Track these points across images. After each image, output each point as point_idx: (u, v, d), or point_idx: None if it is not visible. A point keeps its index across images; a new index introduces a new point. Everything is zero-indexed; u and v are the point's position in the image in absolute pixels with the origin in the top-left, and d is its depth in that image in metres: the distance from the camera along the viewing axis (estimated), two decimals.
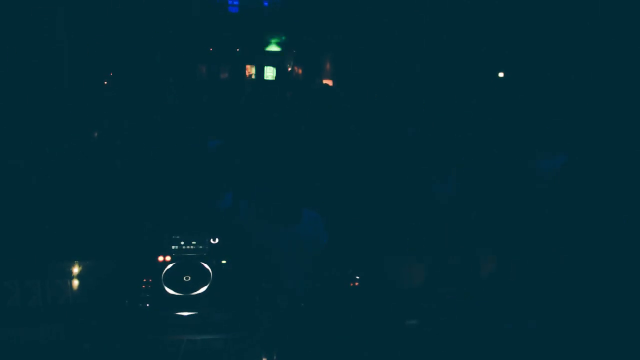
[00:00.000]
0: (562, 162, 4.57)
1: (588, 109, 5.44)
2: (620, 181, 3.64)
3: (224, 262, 1.97)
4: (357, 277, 3.04)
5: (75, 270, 3.16)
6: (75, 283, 3.02)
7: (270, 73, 11.59)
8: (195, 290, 1.84)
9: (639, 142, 4.24)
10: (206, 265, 1.94)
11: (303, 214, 3.41)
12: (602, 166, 3.90)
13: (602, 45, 5.96)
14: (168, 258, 1.98)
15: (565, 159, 4.63)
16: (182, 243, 2.04)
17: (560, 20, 6.80)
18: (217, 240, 2.06)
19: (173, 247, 2.04)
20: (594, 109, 5.39)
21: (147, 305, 1.79)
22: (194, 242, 2.04)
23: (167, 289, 1.83)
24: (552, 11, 7.10)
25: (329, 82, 11.47)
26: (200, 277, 1.89)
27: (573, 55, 6.37)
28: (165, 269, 1.92)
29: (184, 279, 1.89)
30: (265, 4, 11.87)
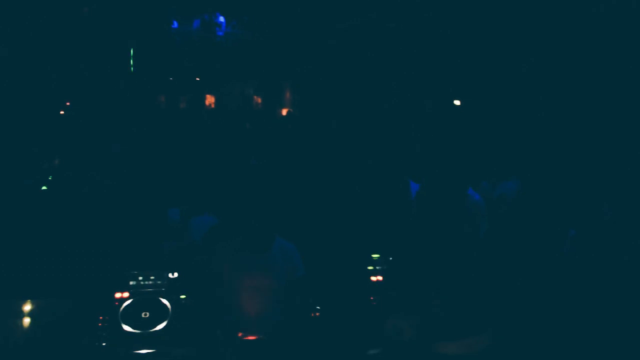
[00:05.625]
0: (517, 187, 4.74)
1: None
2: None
3: (183, 296, 1.95)
4: (318, 308, 3.03)
5: (29, 308, 3.05)
6: (27, 322, 2.92)
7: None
8: (154, 327, 1.81)
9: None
10: (165, 301, 1.92)
11: (275, 243, 3.32)
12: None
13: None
14: (126, 294, 1.94)
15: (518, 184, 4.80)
16: (140, 278, 2.01)
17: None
18: (175, 274, 2.04)
19: (131, 282, 2.01)
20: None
21: (104, 343, 1.75)
22: (152, 277, 2.01)
23: (124, 326, 1.80)
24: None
25: (289, 111, 11.57)
26: (159, 313, 1.86)
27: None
28: (123, 306, 1.89)
29: (142, 315, 1.85)
30: (220, 33, 12.06)
